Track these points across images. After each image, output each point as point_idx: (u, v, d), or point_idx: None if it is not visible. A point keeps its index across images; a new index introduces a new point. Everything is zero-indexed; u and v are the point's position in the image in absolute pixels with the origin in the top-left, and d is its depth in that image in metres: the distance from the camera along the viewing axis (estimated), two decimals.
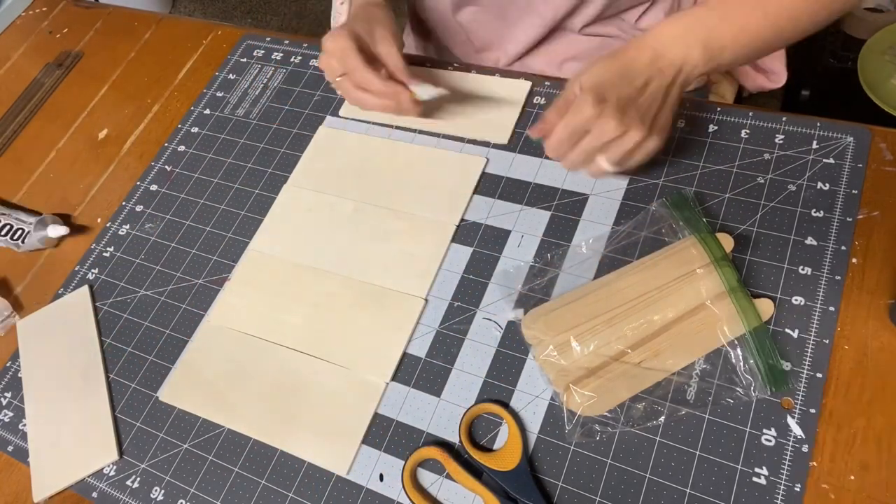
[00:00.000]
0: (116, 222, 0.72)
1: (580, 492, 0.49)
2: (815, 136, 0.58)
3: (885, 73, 1.17)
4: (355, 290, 0.61)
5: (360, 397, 0.56)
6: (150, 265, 0.68)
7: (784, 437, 0.47)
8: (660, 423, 0.50)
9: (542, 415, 0.52)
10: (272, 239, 0.66)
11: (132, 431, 0.59)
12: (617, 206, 0.59)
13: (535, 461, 0.50)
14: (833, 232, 0.54)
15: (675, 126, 0.62)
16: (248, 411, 0.57)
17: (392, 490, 0.52)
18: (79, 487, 0.58)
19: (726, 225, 0.56)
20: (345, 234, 0.64)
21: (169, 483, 0.56)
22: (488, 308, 0.57)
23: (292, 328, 0.60)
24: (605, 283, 0.54)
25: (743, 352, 0.50)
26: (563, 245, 0.59)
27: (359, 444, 0.54)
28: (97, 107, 0.84)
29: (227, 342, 0.61)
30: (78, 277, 0.70)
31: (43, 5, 0.99)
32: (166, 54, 0.86)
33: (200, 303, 0.64)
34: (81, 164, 0.79)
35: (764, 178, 0.57)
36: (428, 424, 0.54)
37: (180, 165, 0.75)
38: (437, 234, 0.62)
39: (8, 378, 0.65)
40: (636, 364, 0.51)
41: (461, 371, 0.55)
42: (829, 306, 0.51)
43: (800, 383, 0.49)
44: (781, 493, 0.46)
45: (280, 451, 0.55)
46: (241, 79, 0.80)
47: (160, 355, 0.62)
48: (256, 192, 0.70)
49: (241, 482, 0.55)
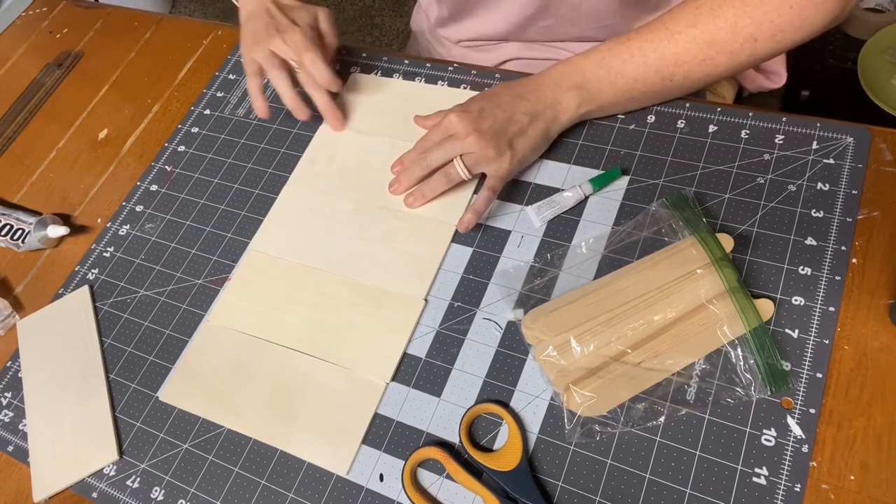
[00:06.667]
0: (116, 222, 0.72)
1: (580, 492, 0.49)
2: (815, 136, 0.58)
3: (885, 73, 1.17)
4: (355, 291, 0.61)
5: (361, 397, 0.56)
6: (151, 265, 0.68)
7: (784, 437, 0.47)
8: (660, 423, 0.50)
9: (542, 415, 0.52)
10: (272, 239, 0.66)
11: (132, 431, 0.59)
12: (617, 206, 0.59)
13: (535, 461, 0.50)
14: (833, 232, 0.54)
15: (675, 127, 0.62)
16: (249, 411, 0.57)
17: (392, 490, 0.52)
18: (79, 487, 0.58)
19: (726, 225, 0.56)
20: (345, 234, 0.64)
21: (169, 483, 0.56)
22: (488, 308, 0.57)
23: (292, 328, 0.60)
24: (605, 284, 0.54)
25: (743, 352, 0.50)
26: (564, 245, 0.59)
27: (359, 445, 0.54)
28: (97, 107, 0.84)
29: (228, 342, 0.61)
30: (78, 277, 0.70)
31: (43, 5, 0.99)
32: (166, 54, 0.86)
33: (200, 303, 0.64)
34: (81, 164, 0.79)
35: (764, 178, 0.57)
36: (428, 424, 0.54)
37: (180, 165, 0.75)
38: (437, 235, 0.62)
39: (8, 378, 0.65)
40: (636, 364, 0.51)
41: (461, 371, 0.55)
42: (829, 306, 0.51)
43: (800, 383, 0.49)
44: (781, 493, 0.46)
45: (280, 451, 0.55)
46: (242, 79, 0.80)
47: (160, 355, 0.62)
48: (256, 192, 0.70)
49: (241, 482, 0.55)
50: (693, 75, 0.58)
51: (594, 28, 0.75)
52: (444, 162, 0.61)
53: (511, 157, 0.59)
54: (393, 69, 0.75)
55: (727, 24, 0.55)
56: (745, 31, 0.55)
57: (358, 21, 2.08)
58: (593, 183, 0.60)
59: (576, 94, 0.60)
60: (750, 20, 0.55)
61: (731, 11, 0.55)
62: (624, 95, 0.60)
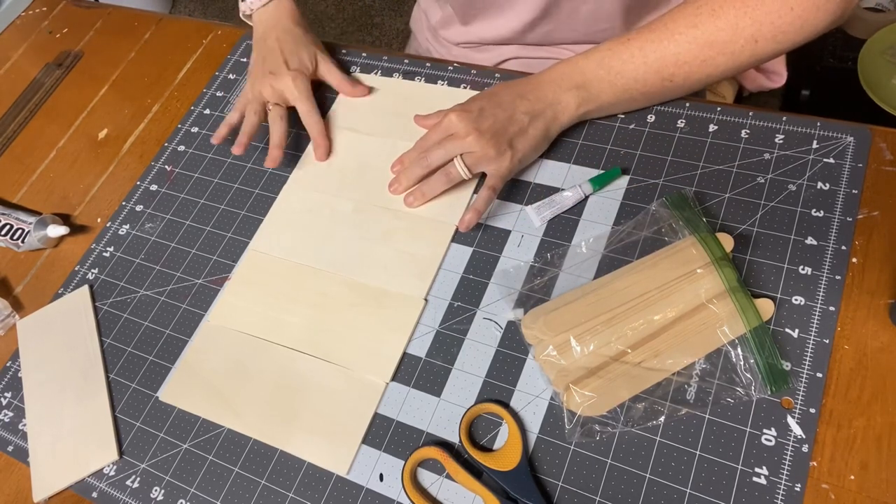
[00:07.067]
0: (116, 222, 0.72)
1: (580, 492, 0.49)
2: (816, 135, 0.58)
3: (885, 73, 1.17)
4: (355, 290, 0.61)
5: (360, 397, 0.56)
6: (150, 265, 0.68)
7: (784, 436, 0.47)
8: (660, 423, 0.50)
9: (542, 415, 0.52)
10: (272, 239, 0.66)
11: (132, 431, 0.59)
12: (617, 206, 0.59)
13: (535, 461, 0.50)
14: (833, 232, 0.54)
15: (675, 126, 0.62)
16: (249, 411, 0.57)
17: (392, 490, 0.52)
18: (79, 487, 0.58)
19: (726, 225, 0.56)
20: (345, 233, 0.64)
21: (169, 483, 0.56)
22: (488, 308, 0.57)
23: (292, 328, 0.60)
24: (605, 283, 0.54)
25: (743, 351, 0.50)
26: (563, 245, 0.59)
27: (359, 444, 0.54)
28: (97, 107, 0.84)
29: (227, 342, 0.61)
30: (78, 277, 0.70)
31: (43, 5, 0.99)
32: (166, 54, 0.86)
33: (200, 303, 0.64)
34: (81, 164, 0.79)
35: (764, 177, 0.57)
36: (428, 424, 0.54)
37: (180, 165, 0.74)
38: (437, 234, 0.62)
39: (8, 378, 0.65)
40: (636, 364, 0.51)
41: (461, 371, 0.55)
42: (830, 306, 0.51)
43: (800, 383, 0.49)
44: (781, 493, 0.45)
45: (280, 451, 0.55)
46: (242, 79, 0.80)
47: (160, 355, 0.62)
48: (256, 191, 0.70)
49: (241, 482, 0.55)
50: (693, 76, 0.58)
51: (594, 32, 0.75)
52: (444, 161, 0.61)
53: (511, 157, 0.59)
54: (393, 68, 0.75)
55: (728, 25, 0.55)
56: (746, 33, 0.55)
57: (358, 21, 2.08)
58: (593, 182, 0.60)
59: (576, 94, 0.60)
60: (751, 21, 0.55)
61: (731, 13, 0.55)
62: (623, 95, 0.60)
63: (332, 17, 2.10)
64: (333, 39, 0.77)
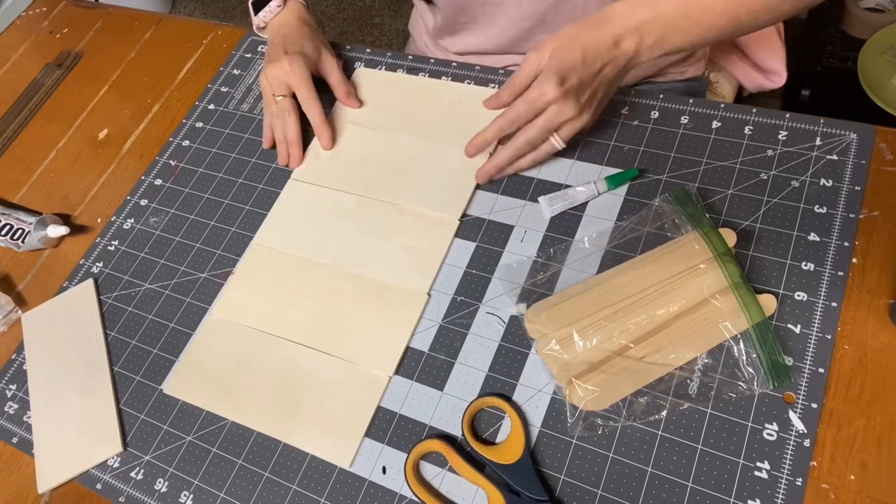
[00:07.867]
0: (121, 216, 0.73)
1: (582, 485, 0.49)
2: (819, 132, 0.59)
3: (885, 73, 1.17)
4: (359, 285, 0.61)
5: (364, 391, 0.56)
6: (155, 259, 0.68)
7: (786, 431, 0.47)
8: (662, 417, 0.50)
9: (545, 409, 0.52)
10: (276, 233, 0.66)
11: (136, 424, 0.59)
12: (620, 201, 0.60)
13: (537, 454, 0.51)
14: (836, 228, 0.54)
15: (679, 122, 0.62)
16: (252, 404, 0.57)
17: (395, 483, 0.52)
18: (83, 479, 0.58)
19: (729, 221, 0.56)
20: (348, 228, 0.64)
21: (173, 475, 0.56)
22: (491, 302, 0.58)
23: (296, 322, 0.61)
24: (608, 278, 0.55)
25: (745, 346, 0.50)
26: (567, 240, 0.59)
27: (362, 437, 0.54)
28: (97, 107, 0.85)
29: (231, 336, 0.61)
30: (83, 271, 0.70)
31: (43, 5, 0.99)
32: (166, 54, 0.86)
33: (204, 296, 0.64)
34: (81, 164, 0.79)
35: (767, 174, 0.58)
36: (431, 418, 0.54)
37: (185, 160, 0.75)
38: (441, 229, 0.62)
39: (13, 370, 0.66)
40: (639, 359, 0.51)
41: (464, 365, 0.55)
42: (832, 302, 0.51)
43: (802, 378, 0.49)
44: (783, 487, 0.46)
45: (283, 443, 0.55)
46: (246, 74, 0.80)
47: (164, 348, 0.63)
48: (260, 186, 0.70)
49: (244, 474, 0.55)
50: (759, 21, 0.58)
51: None
52: (542, 141, 0.59)
53: (593, 114, 0.58)
54: (397, 65, 0.75)
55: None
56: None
57: (358, 21, 2.09)
58: (609, 181, 0.60)
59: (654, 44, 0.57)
60: None
61: None
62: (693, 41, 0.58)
63: (332, 17, 2.10)
64: (333, 39, 0.77)
